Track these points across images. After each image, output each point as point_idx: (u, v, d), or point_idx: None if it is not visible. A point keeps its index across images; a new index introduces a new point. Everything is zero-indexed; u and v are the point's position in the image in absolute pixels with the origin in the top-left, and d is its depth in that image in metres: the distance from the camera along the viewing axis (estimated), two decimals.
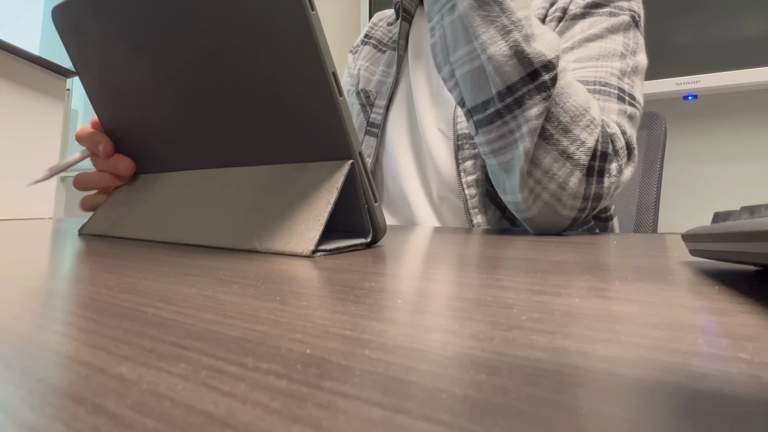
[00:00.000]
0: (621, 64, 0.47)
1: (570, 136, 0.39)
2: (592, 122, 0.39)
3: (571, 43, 0.50)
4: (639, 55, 0.49)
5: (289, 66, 0.25)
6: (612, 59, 0.48)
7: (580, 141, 0.39)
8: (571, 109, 0.39)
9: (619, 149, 0.41)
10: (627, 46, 0.49)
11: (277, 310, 0.13)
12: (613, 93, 0.45)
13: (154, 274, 0.19)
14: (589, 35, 0.50)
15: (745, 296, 0.14)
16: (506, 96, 0.38)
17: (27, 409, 0.07)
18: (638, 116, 0.46)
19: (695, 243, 0.19)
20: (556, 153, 0.39)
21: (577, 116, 0.39)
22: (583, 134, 0.39)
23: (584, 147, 0.39)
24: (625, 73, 0.47)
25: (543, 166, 0.39)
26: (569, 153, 0.39)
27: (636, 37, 0.50)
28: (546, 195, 0.40)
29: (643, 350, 0.09)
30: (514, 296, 0.15)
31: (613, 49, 0.48)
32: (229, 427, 0.06)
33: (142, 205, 0.35)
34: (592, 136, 0.39)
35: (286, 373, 0.08)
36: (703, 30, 1.38)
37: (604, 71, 0.47)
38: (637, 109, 0.46)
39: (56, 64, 0.78)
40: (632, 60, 0.48)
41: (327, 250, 0.25)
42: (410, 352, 0.09)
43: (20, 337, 0.11)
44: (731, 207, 1.43)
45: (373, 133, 0.69)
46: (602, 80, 0.46)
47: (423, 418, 0.07)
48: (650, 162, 0.92)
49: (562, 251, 0.27)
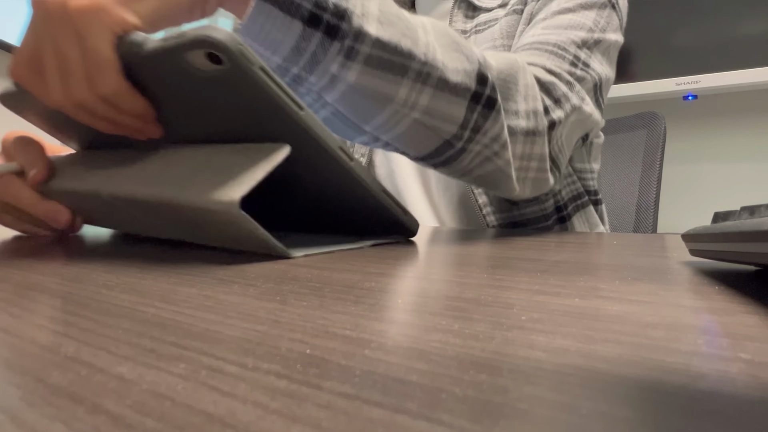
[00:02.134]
0: (585, 35, 0.48)
1: (523, 112, 0.39)
2: (525, 85, 0.39)
3: (544, 15, 0.51)
4: (608, 33, 0.50)
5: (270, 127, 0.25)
6: (578, 30, 0.48)
7: (532, 111, 0.39)
8: (510, 88, 0.38)
9: (558, 96, 0.42)
10: (597, 23, 0.49)
11: (277, 310, 0.13)
12: (567, 58, 0.46)
13: (154, 274, 0.19)
14: (562, 8, 0.50)
15: (745, 296, 0.14)
16: (464, 132, 0.35)
17: (27, 409, 0.07)
18: (589, 80, 0.46)
19: (695, 243, 0.19)
20: (522, 137, 0.39)
21: (515, 91, 0.38)
22: (531, 103, 0.39)
23: (538, 114, 0.39)
24: (586, 44, 0.47)
25: (517, 154, 0.40)
26: (531, 129, 0.39)
27: (610, 17, 0.51)
28: (532, 173, 0.42)
29: (643, 350, 0.09)
30: (514, 296, 0.15)
31: (582, 23, 0.48)
32: (229, 427, 0.06)
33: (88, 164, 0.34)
34: (536, 98, 0.39)
35: (286, 373, 0.08)
36: (703, 30, 1.38)
37: (566, 37, 0.47)
38: (589, 75, 0.46)
39: None
40: (598, 35, 0.49)
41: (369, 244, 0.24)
42: (410, 352, 0.09)
43: (20, 337, 0.11)
44: (731, 207, 1.43)
45: None
46: (561, 44, 0.46)
47: (423, 418, 0.07)
48: (650, 162, 0.92)
49: (562, 251, 0.27)
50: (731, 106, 1.44)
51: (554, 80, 0.43)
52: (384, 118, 0.32)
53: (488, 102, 0.35)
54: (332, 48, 0.28)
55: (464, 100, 0.33)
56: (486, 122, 0.35)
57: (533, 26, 0.51)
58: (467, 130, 0.35)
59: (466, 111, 0.34)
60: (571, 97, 0.44)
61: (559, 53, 0.46)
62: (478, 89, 0.34)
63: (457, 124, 0.34)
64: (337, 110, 0.32)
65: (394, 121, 0.32)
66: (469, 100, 0.34)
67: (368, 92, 0.30)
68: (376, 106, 0.31)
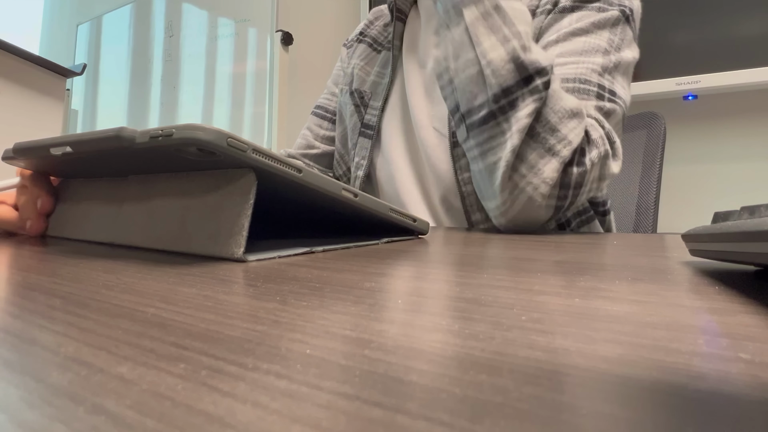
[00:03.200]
0: (603, 60, 0.48)
1: (557, 135, 0.41)
2: (578, 125, 0.41)
3: (557, 36, 0.51)
4: (624, 51, 0.50)
5: None
6: (594, 55, 0.49)
7: (567, 140, 0.41)
8: (561, 110, 0.41)
9: (594, 138, 0.43)
10: (612, 42, 0.50)
11: (277, 310, 0.13)
12: (592, 91, 0.47)
13: (154, 274, 0.19)
14: (574, 29, 0.50)
15: (745, 296, 0.14)
16: (501, 98, 0.40)
17: (27, 409, 0.07)
18: (619, 111, 0.47)
19: (695, 243, 0.19)
20: (542, 150, 0.41)
21: (564, 117, 0.41)
22: (570, 135, 0.41)
23: (570, 146, 0.41)
24: (607, 69, 0.48)
25: (529, 161, 0.41)
26: (555, 150, 0.41)
27: (623, 33, 0.51)
28: (530, 189, 0.41)
29: (643, 350, 0.09)
30: (514, 296, 0.15)
31: (597, 45, 0.49)
32: (229, 427, 0.06)
33: (80, 205, 0.36)
34: (578, 137, 0.41)
35: (286, 373, 0.08)
36: (703, 30, 1.38)
37: (585, 67, 0.48)
38: (618, 105, 0.47)
39: (56, 64, 0.78)
40: (615, 56, 0.49)
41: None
42: (410, 352, 0.09)
43: (20, 337, 0.11)
44: (731, 207, 1.43)
45: (367, 135, 0.68)
46: (582, 77, 0.47)
47: (423, 418, 0.07)
48: (650, 162, 0.92)
49: (562, 251, 0.27)
50: (731, 106, 1.44)
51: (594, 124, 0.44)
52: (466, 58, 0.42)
53: (534, 89, 0.40)
54: None
55: (518, 76, 0.40)
56: (521, 103, 0.40)
57: (545, 49, 0.51)
58: (506, 99, 0.40)
59: (514, 83, 0.40)
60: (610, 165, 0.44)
61: (583, 88, 0.47)
62: (534, 75, 0.40)
63: (503, 87, 0.40)
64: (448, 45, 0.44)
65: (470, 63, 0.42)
66: (522, 78, 0.40)
67: (471, 32, 0.42)
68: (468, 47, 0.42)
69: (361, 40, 0.75)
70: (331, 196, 0.27)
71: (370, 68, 0.71)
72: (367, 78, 0.71)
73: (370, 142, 0.67)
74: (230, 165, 0.25)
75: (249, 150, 0.23)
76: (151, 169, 0.29)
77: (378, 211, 0.31)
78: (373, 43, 0.73)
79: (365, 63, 0.72)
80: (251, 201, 0.24)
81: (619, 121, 0.48)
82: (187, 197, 0.27)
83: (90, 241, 0.33)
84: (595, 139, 0.43)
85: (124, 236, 0.30)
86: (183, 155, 0.23)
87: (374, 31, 0.75)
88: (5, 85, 0.72)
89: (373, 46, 0.73)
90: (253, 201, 0.24)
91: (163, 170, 0.29)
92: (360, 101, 0.69)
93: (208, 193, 0.26)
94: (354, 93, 0.70)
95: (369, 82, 0.70)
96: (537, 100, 0.40)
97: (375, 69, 0.70)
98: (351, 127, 0.70)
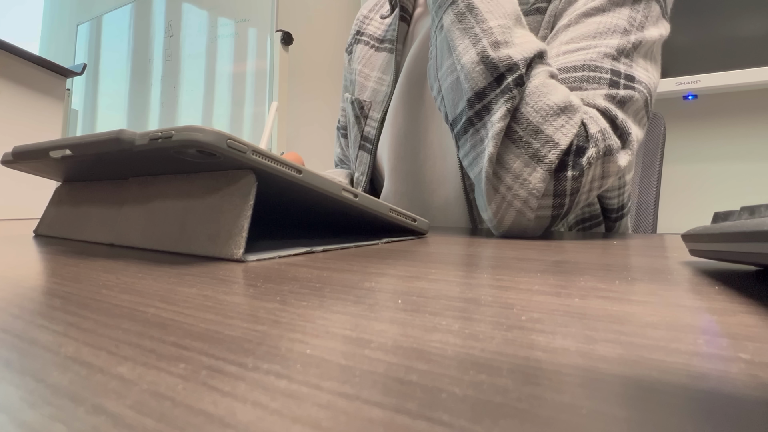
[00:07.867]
0: (620, 41, 0.41)
1: (541, 137, 0.36)
2: (568, 122, 0.36)
3: (568, 20, 0.44)
4: (648, 29, 0.42)
5: None
6: (610, 36, 0.41)
7: (552, 142, 0.36)
8: (544, 108, 0.36)
9: (593, 134, 0.37)
10: (632, 20, 0.42)
11: (277, 310, 0.13)
12: (604, 78, 0.40)
13: (154, 274, 0.19)
14: (588, 9, 0.43)
15: (745, 296, 0.14)
16: (475, 103, 0.38)
17: (27, 409, 0.07)
18: (638, 98, 0.40)
19: (695, 243, 0.19)
20: (526, 157, 0.36)
21: (549, 116, 0.36)
22: (557, 135, 0.36)
23: (557, 149, 0.36)
24: (623, 52, 0.41)
25: (513, 170, 0.37)
26: (540, 156, 0.36)
27: (647, 8, 0.43)
28: (518, 203, 0.37)
29: (643, 350, 0.09)
30: (514, 296, 0.15)
31: (615, 25, 0.42)
32: (229, 427, 0.06)
33: (80, 206, 0.36)
34: (567, 137, 0.36)
35: (286, 373, 0.08)
36: (703, 30, 1.38)
37: (596, 52, 0.41)
38: (637, 91, 0.40)
39: (56, 64, 0.78)
40: (636, 35, 0.42)
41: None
42: (410, 352, 0.09)
43: (20, 337, 0.11)
44: (731, 207, 1.43)
45: (366, 149, 0.64)
46: (592, 64, 0.41)
47: (423, 418, 0.07)
48: (650, 162, 0.92)
49: (562, 251, 0.27)
50: (731, 106, 1.44)
51: (595, 116, 0.38)
52: (447, 65, 0.41)
53: (505, 89, 0.37)
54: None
55: (489, 76, 0.37)
56: (495, 106, 0.37)
57: (555, 36, 0.45)
58: (480, 103, 0.38)
59: (486, 85, 0.38)
60: (619, 157, 0.38)
61: (593, 77, 0.40)
62: (506, 74, 0.37)
63: (475, 90, 0.38)
64: (435, 54, 0.43)
65: (450, 70, 0.41)
66: (494, 79, 0.37)
67: (449, 38, 0.40)
68: (447, 53, 0.41)
69: (358, 41, 0.71)
70: (331, 196, 0.27)
71: (370, 71, 0.67)
72: (367, 84, 0.66)
73: (370, 157, 0.64)
74: (230, 166, 0.25)
75: (249, 151, 0.23)
76: (151, 170, 0.29)
77: (378, 212, 0.31)
78: (371, 40, 0.68)
79: (364, 66, 0.68)
80: (251, 202, 0.24)
81: (640, 108, 0.41)
82: (187, 199, 0.27)
83: (90, 242, 0.33)
84: (593, 134, 0.37)
85: (124, 238, 0.30)
86: (183, 157, 0.23)
87: (371, 27, 0.70)
88: (5, 85, 0.72)
89: (371, 44, 0.68)
90: (252, 202, 0.24)
91: (162, 172, 0.29)
92: (360, 112, 0.66)
93: (208, 195, 0.26)
94: (354, 103, 0.67)
95: (369, 89, 0.66)
96: (508, 100, 0.36)
97: (375, 74, 0.66)
98: (352, 140, 0.68)
